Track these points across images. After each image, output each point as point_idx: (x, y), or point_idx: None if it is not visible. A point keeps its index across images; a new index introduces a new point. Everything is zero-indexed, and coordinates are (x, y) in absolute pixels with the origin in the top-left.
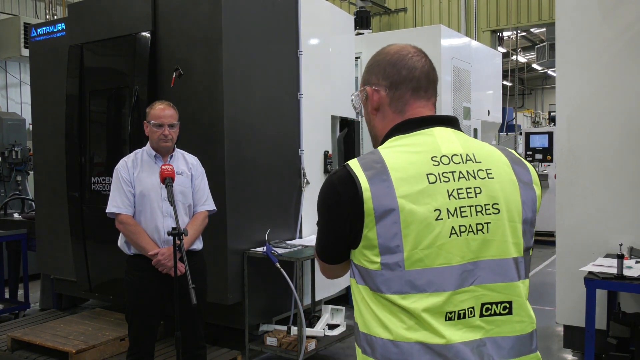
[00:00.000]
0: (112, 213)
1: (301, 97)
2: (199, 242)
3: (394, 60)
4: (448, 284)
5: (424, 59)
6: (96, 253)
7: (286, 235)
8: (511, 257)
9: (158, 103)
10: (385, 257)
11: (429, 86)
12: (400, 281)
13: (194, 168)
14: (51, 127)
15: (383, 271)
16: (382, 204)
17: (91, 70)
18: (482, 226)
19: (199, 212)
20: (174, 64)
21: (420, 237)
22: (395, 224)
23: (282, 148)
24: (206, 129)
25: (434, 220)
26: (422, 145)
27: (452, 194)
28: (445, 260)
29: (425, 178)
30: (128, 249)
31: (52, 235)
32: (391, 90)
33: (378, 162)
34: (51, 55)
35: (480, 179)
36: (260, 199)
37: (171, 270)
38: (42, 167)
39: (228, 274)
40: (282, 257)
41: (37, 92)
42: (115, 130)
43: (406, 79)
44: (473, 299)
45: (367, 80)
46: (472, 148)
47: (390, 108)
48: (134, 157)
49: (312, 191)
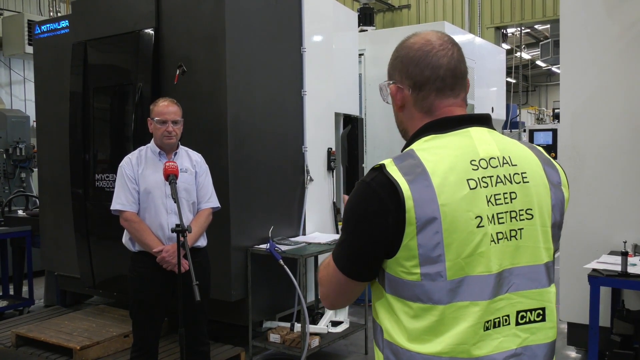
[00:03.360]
0: (117, 210)
1: (304, 94)
2: (203, 239)
3: (417, 58)
4: (487, 292)
5: (451, 51)
6: (100, 250)
7: (289, 232)
8: (543, 262)
9: (161, 100)
10: (426, 267)
11: (455, 84)
12: (441, 291)
13: (197, 165)
14: (55, 124)
15: (423, 282)
16: (425, 213)
17: (95, 67)
18: (516, 232)
19: (203, 209)
20: (177, 61)
21: (462, 246)
22: (438, 234)
23: (286, 145)
24: (209, 126)
25: (475, 227)
26: (460, 148)
27: (490, 200)
28: (485, 269)
29: (466, 184)
30: (132, 246)
31: (56, 232)
32: (415, 91)
33: (418, 166)
34: (55, 52)
35: (515, 183)
36: (263, 196)
37: (175, 267)
38: (46, 164)
39: (231, 270)
40: (286, 254)
41: (41, 89)
42: (118, 127)
43: (429, 79)
44: (509, 306)
45: (391, 75)
46: (508, 149)
47: (416, 108)
48: (138, 155)
49: (315, 188)
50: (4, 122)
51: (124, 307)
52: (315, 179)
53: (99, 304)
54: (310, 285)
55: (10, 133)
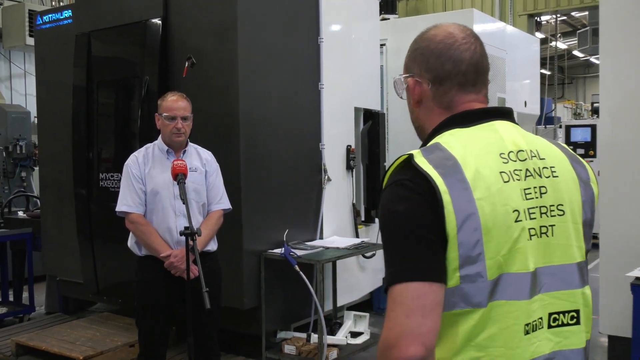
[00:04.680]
0: (122, 212)
1: (322, 88)
2: (214, 242)
3: (439, 51)
4: (524, 291)
5: (474, 45)
6: (104, 253)
7: (306, 235)
8: (575, 262)
9: (170, 94)
10: (466, 268)
11: (477, 79)
12: (481, 293)
13: (208, 164)
14: (57, 120)
15: (462, 285)
16: (462, 208)
17: (99, 60)
18: (547, 229)
19: (214, 210)
20: (186, 52)
21: (501, 243)
22: (477, 231)
23: (302, 142)
24: (220, 122)
25: (513, 222)
26: (487, 141)
27: (522, 194)
28: (522, 266)
29: (500, 177)
30: (139, 250)
31: (58, 234)
32: (435, 85)
33: (448, 158)
34: (57, 44)
35: (545, 177)
36: (278, 197)
37: (184, 272)
38: (48, 162)
39: (244, 276)
40: (302, 259)
41: (42, 83)
42: (124, 124)
43: (451, 74)
44: (541, 308)
45: (408, 68)
46: (535, 143)
47: (435, 103)
48: (145, 152)
49: (334, 188)
50: (3, 118)
51: (129, 314)
52: (333, 179)
53: (104, 311)
54: (327, 293)
55: (10, 130)
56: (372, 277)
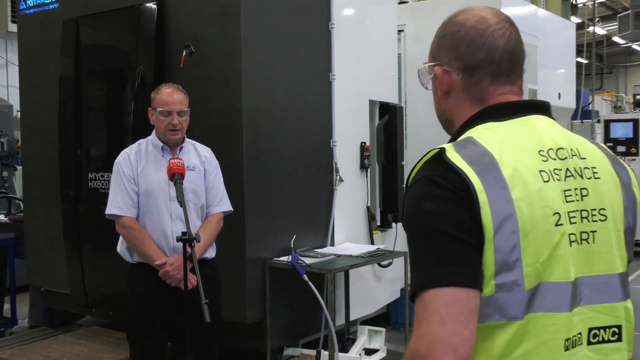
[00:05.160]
0: (113, 215)
1: (333, 79)
2: (212, 249)
3: (470, 37)
4: (564, 303)
5: (509, 31)
6: (94, 261)
7: (315, 242)
8: (617, 272)
9: (165, 86)
10: (502, 275)
11: (512, 69)
12: (518, 304)
13: (207, 162)
14: (42, 114)
15: (497, 294)
16: (500, 210)
17: (88, 48)
18: (588, 235)
19: (213, 213)
20: (184, 40)
21: (540, 248)
22: (514, 234)
23: (311, 139)
24: (221, 117)
25: (554, 226)
26: (525, 136)
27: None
28: (562, 275)
29: (539, 176)
30: (130, 256)
31: (43, 240)
32: (465, 75)
33: (484, 154)
34: (42, 31)
35: (586, 178)
36: (284, 199)
37: (181, 282)
38: (32, 160)
39: (247, 287)
40: (311, 268)
41: (26, 74)
42: (116, 118)
43: (484, 62)
44: (581, 322)
45: (436, 56)
46: (574, 141)
47: (465, 94)
48: (137, 149)
49: (346, 190)
50: None
51: (121, 329)
52: (345, 179)
53: (92, 325)
54: (339, 306)
55: None
56: (389, 288)
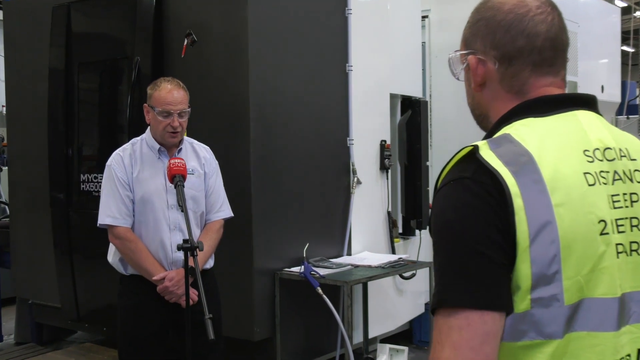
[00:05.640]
0: (106, 225)
1: (350, 70)
2: (211, 258)
3: (508, 22)
4: (610, 321)
5: (551, 16)
6: (87, 271)
7: (330, 251)
8: None
9: (164, 82)
10: (539, 290)
11: (556, 57)
12: (557, 321)
13: (207, 163)
14: (30, 110)
15: (534, 310)
16: (537, 216)
17: (80, 37)
18: (638, 246)
19: (213, 221)
20: (184, 28)
21: (583, 259)
22: (554, 243)
23: (326, 137)
24: (226, 112)
25: (599, 235)
26: (569, 134)
27: (609, 201)
28: (608, 290)
29: (584, 178)
30: (124, 269)
31: (31, 248)
32: (503, 65)
33: (522, 154)
34: (30, 19)
35: (637, 182)
36: (296, 204)
37: (181, 299)
38: (19, 160)
39: (254, 301)
40: (325, 279)
41: (12, 66)
42: (110, 114)
43: (524, 50)
44: (630, 343)
45: (469, 43)
46: (624, 141)
47: (502, 86)
48: (131, 150)
49: (365, 193)
50: None
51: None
52: (364, 181)
53: (85, 341)
54: (357, 321)
55: None
56: (412, 302)
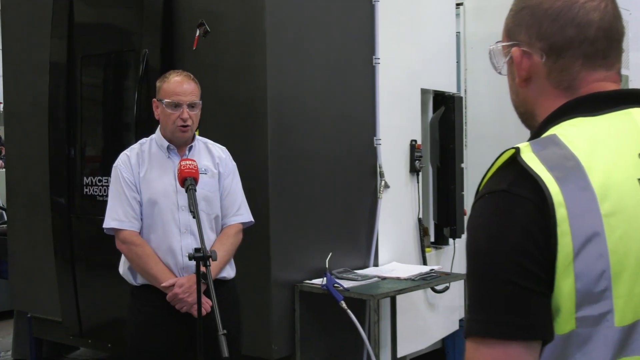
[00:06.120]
0: (112, 229)
1: (377, 63)
2: (230, 267)
3: (557, 10)
4: None
5: (604, 2)
6: (90, 283)
7: (355, 261)
8: None
9: (174, 74)
10: (585, 308)
11: (610, 49)
12: (605, 344)
13: (222, 163)
14: (29, 106)
15: (579, 330)
16: (583, 227)
17: (84, 28)
18: None
19: (230, 225)
20: (196, 17)
21: (637, 276)
22: (602, 258)
23: (350, 136)
24: (241, 109)
25: None
26: (623, 136)
27: None
28: None
29: (638, 186)
30: (133, 278)
31: (30, 257)
32: (550, 58)
33: (568, 158)
34: (30, 8)
35: None
36: (318, 209)
37: (193, 308)
38: (17, 162)
39: (272, 316)
40: (350, 292)
41: (9, 59)
42: (116, 111)
43: (574, 42)
44: None
45: (512, 34)
46: None
47: (550, 81)
48: (139, 150)
49: (393, 198)
50: None
51: None
52: (392, 185)
53: (87, 359)
54: (384, 339)
55: None
56: (445, 318)
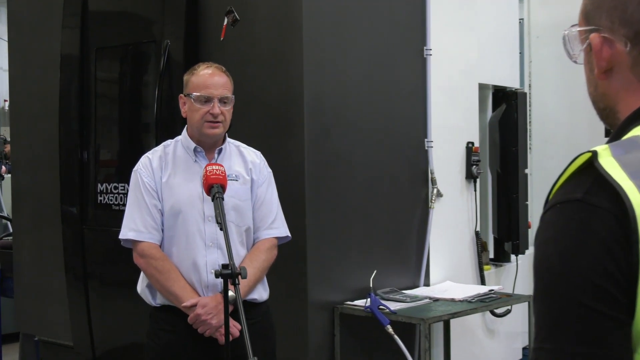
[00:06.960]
0: (128, 240)
1: (429, 55)
2: (263, 288)
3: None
4: None
5: None
6: (104, 303)
7: (403, 280)
8: None
9: (203, 66)
10: None
11: None
12: None
13: (255, 169)
14: (38, 104)
15: None
16: None
17: (99, 18)
18: None
19: (263, 239)
20: (225, 5)
21: None
22: None
23: (398, 138)
24: (274, 109)
25: None
26: None
27: None
28: None
29: None
30: (152, 298)
31: (38, 273)
32: (636, 46)
33: None
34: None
35: None
36: (361, 222)
37: (218, 332)
38: (24, 167)
39: (309, 340)
40: (397, 315)
41: (17, 53)
42: (134, 110)
43: None
44: None
45: (591, 18)
46: None
47: (634, 74)
48: (163, 153)
49: (446, 208)
50: None
51: None
52: (445, 194)
53: None
54: None
55: None
56: (506, 345)
